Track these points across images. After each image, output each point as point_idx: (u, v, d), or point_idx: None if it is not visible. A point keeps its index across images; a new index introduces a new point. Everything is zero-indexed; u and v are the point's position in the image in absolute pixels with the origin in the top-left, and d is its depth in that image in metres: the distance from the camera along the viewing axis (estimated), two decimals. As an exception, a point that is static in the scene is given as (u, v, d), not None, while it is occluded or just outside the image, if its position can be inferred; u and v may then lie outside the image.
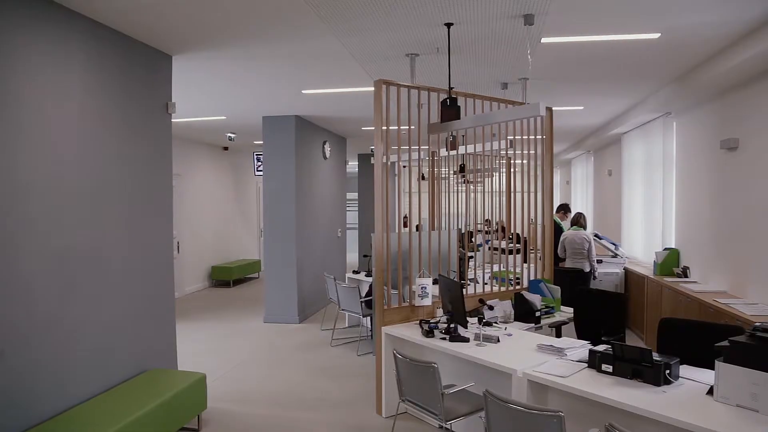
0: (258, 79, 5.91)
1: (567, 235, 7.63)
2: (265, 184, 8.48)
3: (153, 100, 4.68)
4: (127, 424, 3.51)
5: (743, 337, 2.83)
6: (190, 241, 10.79)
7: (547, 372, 3.34)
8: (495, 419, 2.94)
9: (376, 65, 5.27)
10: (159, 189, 4.77)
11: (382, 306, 4.73)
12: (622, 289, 7.87)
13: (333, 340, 7.26)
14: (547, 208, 5.92)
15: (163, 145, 4.83)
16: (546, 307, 5.16)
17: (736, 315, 4.58)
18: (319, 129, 9.42)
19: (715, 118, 6.03)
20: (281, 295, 8.33)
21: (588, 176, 12.64)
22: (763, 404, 2.63)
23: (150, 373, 4.48)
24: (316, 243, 9.20)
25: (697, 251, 6.53)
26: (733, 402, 2.74)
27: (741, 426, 2.52)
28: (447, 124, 4.45)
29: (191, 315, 8.89)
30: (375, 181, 4.74)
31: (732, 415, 2.65)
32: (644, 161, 8.22)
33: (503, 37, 4.48)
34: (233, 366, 6.22)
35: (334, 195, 10.38)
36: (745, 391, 2.69)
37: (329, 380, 5.74)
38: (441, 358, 4.18)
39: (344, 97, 6.88)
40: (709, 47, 4.82)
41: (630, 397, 2.89)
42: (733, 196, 5.59)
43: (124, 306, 4.30)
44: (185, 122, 8.42)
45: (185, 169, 10.62)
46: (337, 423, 4.66)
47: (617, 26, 4.27)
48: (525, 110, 4.08)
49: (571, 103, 7.39)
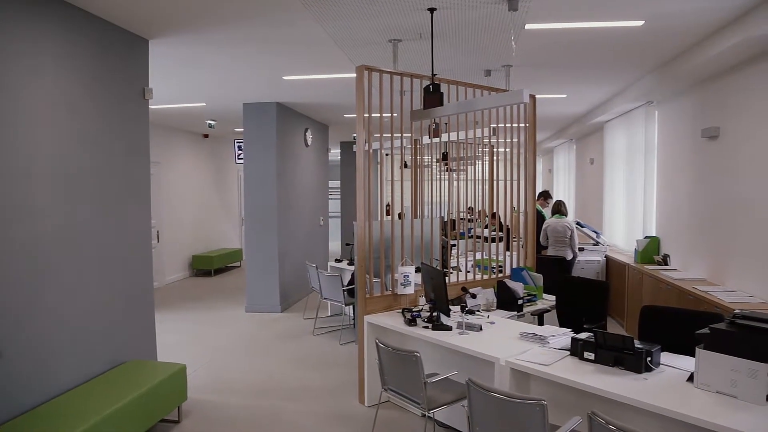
0: (238, 64, 5.80)
1: (549, 223, 7.65)
2: (246, 171, 8.38)
3: (129, 86, 4.56)
4: (105, 417, 3.44)
5: (723, 325, 2.84)
6: (170, 229, 10.65)
7: (529, 360, 3.33)
8: (478, 408, 2.93)
9: (359, 51, 5.19)
10: (136, 176, 4.67)
11: (364, 295, 4.70)
12: (603, 277, 7.92)
13: (315, 329, 7.23)
14: (529, 196, 5.92)
15: (141, 132, 4.73)
16: (528, 295, 5.17)
17: (716, 302, 4.63)
18: (301, 116, 9.32)
19: (696, 107, 6.05)
20: (263, 284, 8.27)
21: (570, 164, 12.69)
22: (742, 391, 2.65)
23: (128, 365, 4.40)
24: (298, 231, 9.14)
25: (677, 239, 6.58)
26: (713, 389, 2.76)
27: (721, 412, 2.54)
28: (430, 111, 4.40)
29: (172, 305, 8.79)
30: (357, 169, 4.69)
31: (712, 402, 2.66)
32: (626, 150, 8.26)
33: (487, 23, 4.43)
34: (214, 356, 6.16)
35: (316, 183, 10.31)
36: (725, 378, 2.71)
37: (311, 369, 5.71)
38: (423, 347, 4.16)
39: (326, 84, 6.79)
40: (691, 36, 4.82)
41: (612, 385, 2.90)
42: (713, 185, 5.63)
43: (101, 296, 4.21)
44: (164, 109, 8.27)
45: (164, 157, 10.46)
46: (319, 412, 4.64)
47: (601, 13, 4.25)
48: (509, 97, 4.05)
49: (554, 91, 7.38)
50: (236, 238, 13.46)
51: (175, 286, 10.53)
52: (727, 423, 2.41)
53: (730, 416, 2.49)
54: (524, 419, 2.69)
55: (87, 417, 3.38)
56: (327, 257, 10.57)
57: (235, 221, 13.50)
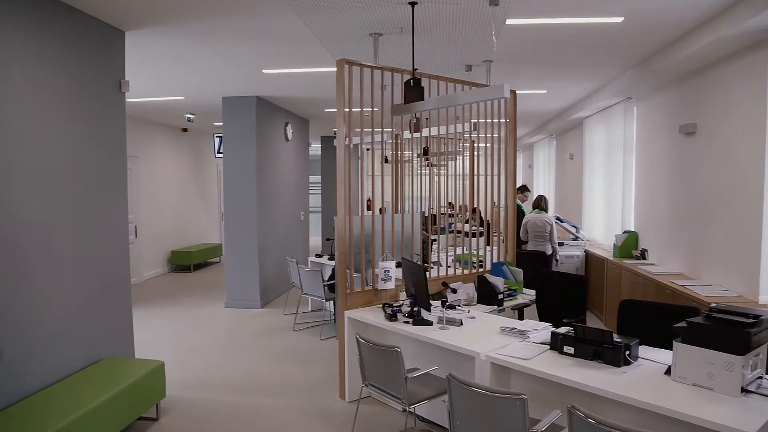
0: (217, 57, 5.73)
1: (529, 218, 7.69)
2: (225, 166, 8.30)
3: (105, 78, 4.47)
4: (81, 416, 3.38)
5: (700, 318, 2.87)
6: (148, 225, 10.52)
7: (509, 354, 3.34)
8: (458, 402, 2.93)
9: (339, 45, 5.16)
10: (113, 171, 4.59)
11: (345, 290, 4.68)
12: (582, 272, 8.00)
13: (296, 324, 7.20)
14: (510, 191, 5.94)
15: (117, 125, 4.64)
16: (509, 289, 5.19)
17: (692, 296, 4.69)
18: (281, 110, 9.25)
19: (674, 104, 6.12)
20: (243, 280, 8.20)
21: (550, 160, 12.78)
22: (718, 383, 2.69)
23: (106, 362, 4.33)
24: (278, 226, 9.08)
25: (654, 234, 6.66)
26: (690, 381, 2.79)
27: (697, 404, 2.57)
28: (410, 105, 4.39)
29: (150, 301, 8.69)
30: (337, 164, 4.66)
31: (688, 394, 2.69)
32: (605, 145, 8.33)
33: (468, 18, 4.42)
34: (193, 353, 6.10)
35: (297, 178, 10.25)
36: (702, 371, 2.74)
37: (292, 365, 5.68)
38: (404, 342, 4.16)
39: (306, 78, 6.74)
40: (669, 33, 4.87)
41: (591, 379, 2.92)
42: (690, 180, 5.70)
43: (77, 293, 4.13)
44: (141, 102, 8.15)
45: (142, 151, 10.31)
46: (299, 408, 4.61)
47: (581, 9, 4.26)
48: (489, 92, 4.05)
49: (535, 86, 7.41)
50: (216, 233, 13.35)
51: (153, 282, 10.41)
52: (703, 415, 2.44)
53: (707, 408, 2.52)
54: (504, 413, 2.69)
55: (62, 416, 3.31)
56: (307, 252, 10.52)
57: (215, 216, 13.38)
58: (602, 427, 2.28)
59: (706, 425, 2.41)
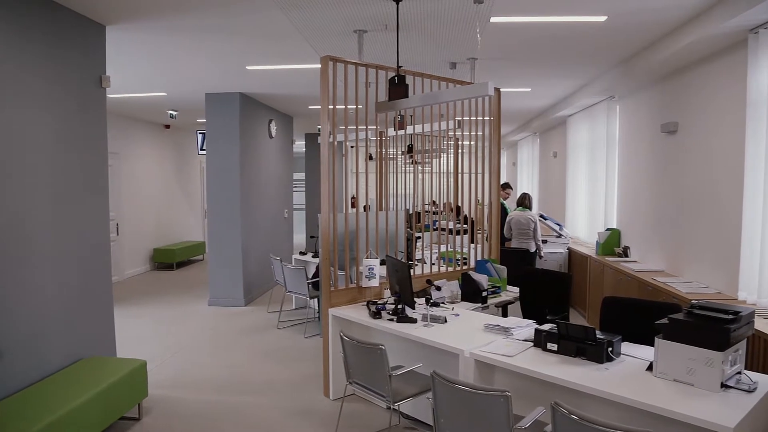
0: (200, 53, 5.67)
1: (513, 215, 7.72)
2: (208, 163, 8.23)
3: (85, 73, 4.41)
4: (61, 416, 3.33)
5: (681, 315, 2.90)
6: (130, 222, 10.40)
7: (493, 352, 3.35)
8: (442, 400, 2.94)
9: (323, 41, 5.13)
10: (93, 167, 4.52)
11: (329, 287, 4.66)
12: (566, 269, 8.06)
13: (279, 322, 7.16)
14: (494, 189, 5.96)
15: (97, 121, 4.58)
16: (492, 287, 5.21)
17: (673, 293, 4.74)
18: (265, 107, 9.19)
19: (656, 102, 6.18)
20: (226, 278, 8.15)
21: (534, 158, 12.85)
22: (698, 379, 2.71)
23: (86, 362, 4.28)
24: (262, 224, 9.03)
25: (636, 231, 6.73)
26: (671, 377, 2.82)
27: (678, 399, 2.59)
28: (395, 103, 4.38)
29: (132, 299, 8.60)
30: (321, 161, 4.64)
31: (670, 390, 2.72)
32: (588, 144, 8.39)
33: (452, 15, 4.42)
34: (176, 351, 6.05)
35: (281, 175, 10.20)
36: (682, 367, 2.77)
37: (275, 363, 5.65)
38: (388, 340, 4.16)
39: (290, 74, 6.71)
40: (652, 32, 4.91)
41: (574, 375, 2.93)
42: (671, 179, 5.76)
43: (57, 291, 4.07)
44: (123, 98, 8.05)
45: (124, 148, 10.19)
46: (283, 406, 4.59)
47: (565, 7, 4.28)
48: (474, 89, 4.05)
49: (519, 84, 7.44)
50: (199, 230, 13.24)
51: (135, 280, 10.30)
52: (683, 410, 2.47)
53: (687, 403, 2.55)
54: (488, 410, 2.70)
55: (41, 417, 3.26)
56: (291, 250, 10.47)
57: (198, 213, 13.27)
58: (585, 423, 2.30)
59: (687, 420, 2.44)
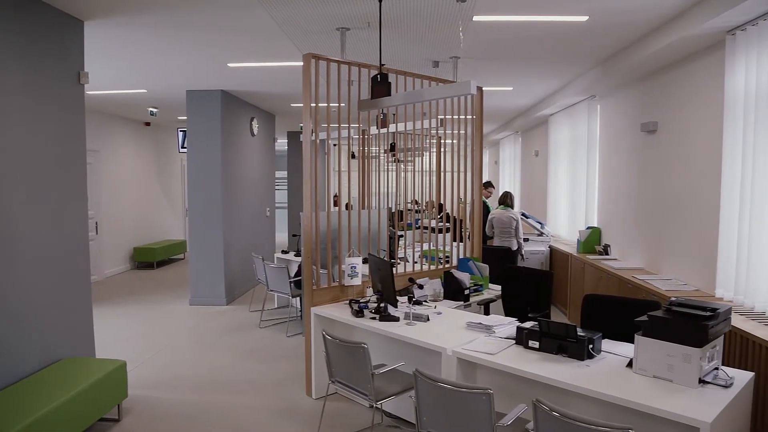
0: (181, 50, 5.61)
1: (495, 214, 7.76)
2: (189, 161, 8.14)
3: (63, 69, 4.33)
4: (38, 418, 3.28)
5: (660, 312, 2.94)
6: (109, 221, 10.27)
7: (475, 349, 3.37)
8: (425, 398, 2.94)
9: (306, 39, 5.10)
10: (71, 165, 4.45)
11: (311, 286, 4.64)
12: (547, 267, 8.11)
13: (262, 321, 7.12)
14: (476, 187, 5.98)
15: (76, 118, 4.50)
16: (474, 285, 5.23)
17: (653, 290, 4.80)
18: (247, 105, 9.13)
19: (636, 102, 6.25)
20: (207, 277, 8.08)
21: (516, 157, 12.92)
22: (677, 375, 2.75)
23: (65, 362, 4.21)
24: (243, 222, 8.97)
25: (617, 230, 6.80)
26: (651, 373, 2.85)
27: (657, 395, 2.62)
28: (377, 101, 4.37)
29: (112, 299, 8.49)
30: (304, 159, 4.62)
31: (649, 386, 2.75)
32: (569, 143, 8.45)
33: (435, 14, 4.42)
34: (157, 351, 5.98)
35: (263, 173, 10.14)
36: (662, 363, 2.81)
37: (258, 362, 5.62)
38: (371, 338, 4.16)
39: (272, 72, 6.66)
40: (632, 33, 4.96)
41: (555, 372, 2.96)
42: (651, 178, 5.83)
43: (34, 291, 4.00)
44: (102, 95, 7.94)
45: (103, 145, 10.06)
46: (265, 406, 4.57)
47: (547, 7, 4.31)
48: (456, 88, 4.06)
49: (501, 83, 7.47)
50: (180, 229, 13.12)
51: (115, 280, 10.17)
52: (662, 405, 2.50)
53: (666, 399, 2.58)
54: (471, 408, 2.71)
55: (18, 419, 3.20)
56: (274, 248, 10.41)
57: (179, 212, 13.15)
58: (566, 420, 2.32)
59: (666, 416, 2.47)
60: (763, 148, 3.90)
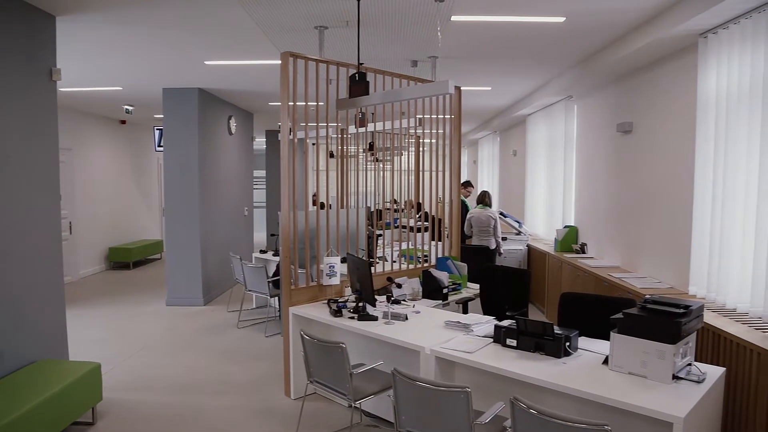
0: (156, 47, 5.53)
1: (473, 213, 7.80)
2: (166, 160, 8.04)
3: (33, 66, 4.24)
4: (8, 423, 3.20)
5: (635, 310, 2.98)
6: (84, 220, 10.10)
7: (454, 348, 3.38)
8: (403, 397, 2.94)
9: (284, 37, 5.07)
10: (43, 163, 4.36)
11: (289, 286, 4.62)
12: (525, 265, 8.18)
13: (240, 321, 7.07)
14: (455, 187, 6.00)
15: (48, 116, 4.41)
16: (453, 284, 5.24)
17: (628, 288, 4.86)
18: (224, 103, 9.05)
19: (612, 103, 6.33)
20: (184, 277, 7.99)
21: (494, 156, 13.00)
22: (651, 371, 2.79)
23: (37, 365, 4.13)
24: (221, 222, 8.89)
25: (593, 228, 6.88)
26: (626, 370, 2.89)
27: (632, 392, 2.66)
28: (355, 100, 4.36)
29: (86, 300, 8.35)
30: (282, 159, 4.60)
31: (624, 382, 2.79)
32: (547, 142, 8.53)
33: (414, 13, 4.43)
34: (133, 353, 5.90)
35: (241, 172, 10.06)
36: (636, 360, 2.85)
37: (236, 363, 5.58)
38: (349, 338, 4.15)
39: (250, 70, 6.61)
40: (608, 34, 5.02)
41: (533, 370, 2.98)
42: (626, 177, 5.91)
43: (4, 292, 3.91)
44: (76, 92, 7.78)
45: (78, 143, 9.89)
46: (243, 407, 4.53)
47: (525, 8, 4.34)
48: (434, 87, 4.07)
49: (479, 83, 7.51)
50: (156, 228, 12.95)
51: (90, 280, 10.01)
52: (636, 401, 2.54)
53: (640, 395, 2.62)
54: (449, 406, 2.72)
55: (-13, 422, 3.14)
56: (252, 248, 10.35)
57: (155, 211, 12.98)
58: (543, 417, 2.34)
59: (640, 411, 2.51)
60: (733, 149, 3.98)
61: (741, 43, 3.87)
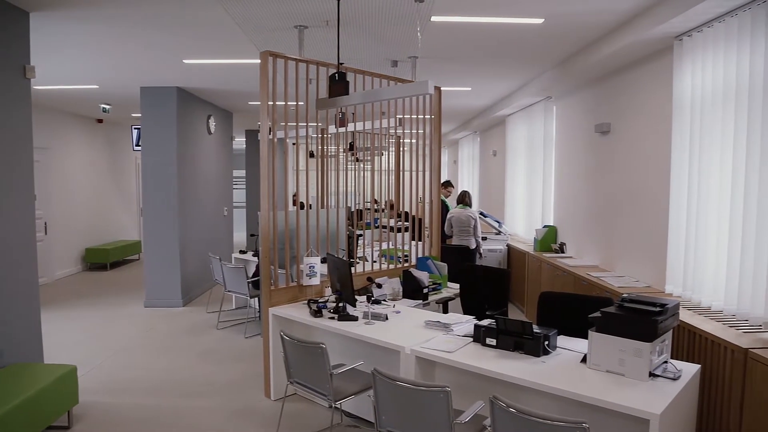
0: (134, 45, 5.46)
1: (454, 213, 7.82)
2: (144, 159, 7.95)
3: (6, 63, 4.15)
4: (-21, 426, 3.15)
5: (613, 308, 3.01)
6: (59, 221, 9.93)
7: (434, 348, 3.38)
8: (383, 397, 2.94)
9: (263, 36, 5.04)
10: (16, 162, 4.28)
11: (269, 286, 4.59)
12: (505, 265, 8.23)
13: (219, 322, 7.01)
14: (435, 187, 6.02)
15: (21, 114, 4.33)
16: (433, 283, 5.26)
17: (606, 287, 4.92)
18: (203, 102, 8.97)
19: (590, 104, 6.39)
20: (163, 278, 7.90)
21: (474, 156, 13.06)
22: (628, 369, 2.83)
23: (10, 369, 4.05)
24: (200, 222, 8.81)
25: (572, 228, 6.95)
26: (604, 368, 2.92)
27: (609, 389, 2.69)
28: (335, 100, 4.35)
29: (62, 302, 8.22)
30: (261, 158, 4.57)
31: (602, 380, 2.82)
32: (527, 143, 8.60)
33: (394, 13, 4.43)
34: (110, 355, 5.82)
35: (220, 172, 9.98)
36: (614, 358, 2.88)
37: (215, 364, 5.53)
38: (330, 338, 4.14)
39: (229, 69, 6.56)
40: (586, 36, 5.07)
41: (512, 369, 3.00)
42: (604, 177, 5.98)
43: (-24, 293, 3.84)
44: (51, 90, 7.65)
45: (53, 142, 9.73)
46: (223, 408, 4.49)
47: (504, 9, 4.36)
48: (414, 87, 4.07)
49: (459, 83, 7.54)
50: (134, 229, 12.79)
51: (66, 282, 9.85)
52: (615, 399, 2.57)
53: (618, 393, 2.65)
54: (429, 406, 2.72)
55: (-41, 427, 3.07)
56: (231, 248, 10.27)
57: (133, 211, 12.82)
58: (522, 415, 2.35)
59: (618, 409, 2.54)
60: (708, 150, 4.05)
61: (715, 47, 3.94)
